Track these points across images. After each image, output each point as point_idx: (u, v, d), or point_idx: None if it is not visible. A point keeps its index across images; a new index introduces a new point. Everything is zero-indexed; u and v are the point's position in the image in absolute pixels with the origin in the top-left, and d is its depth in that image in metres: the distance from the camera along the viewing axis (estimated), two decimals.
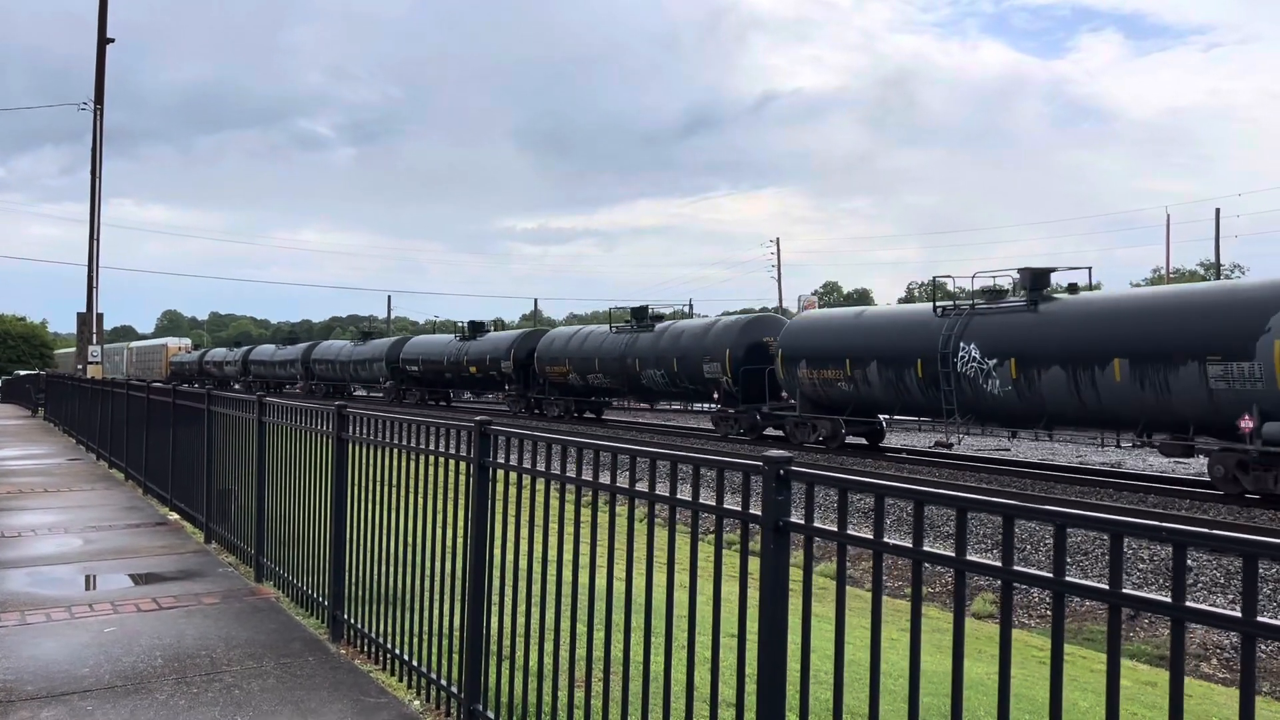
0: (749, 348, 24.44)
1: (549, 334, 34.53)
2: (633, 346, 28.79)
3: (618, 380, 28.98)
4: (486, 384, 39.44)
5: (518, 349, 34.85)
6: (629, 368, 28.05)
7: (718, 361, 24.57)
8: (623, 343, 28.97)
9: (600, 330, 30.64)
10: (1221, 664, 9.06)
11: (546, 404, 33.31)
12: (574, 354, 31.53)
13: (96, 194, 29.45)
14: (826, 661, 3.10)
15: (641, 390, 28.26)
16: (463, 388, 43.23)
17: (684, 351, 26.07)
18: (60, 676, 5.19)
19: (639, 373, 28.77)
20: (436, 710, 4.78)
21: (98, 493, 12.70)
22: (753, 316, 26.37)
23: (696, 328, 26.79)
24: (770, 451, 2.96)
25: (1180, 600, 2.01)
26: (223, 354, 70.71)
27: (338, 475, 6.08)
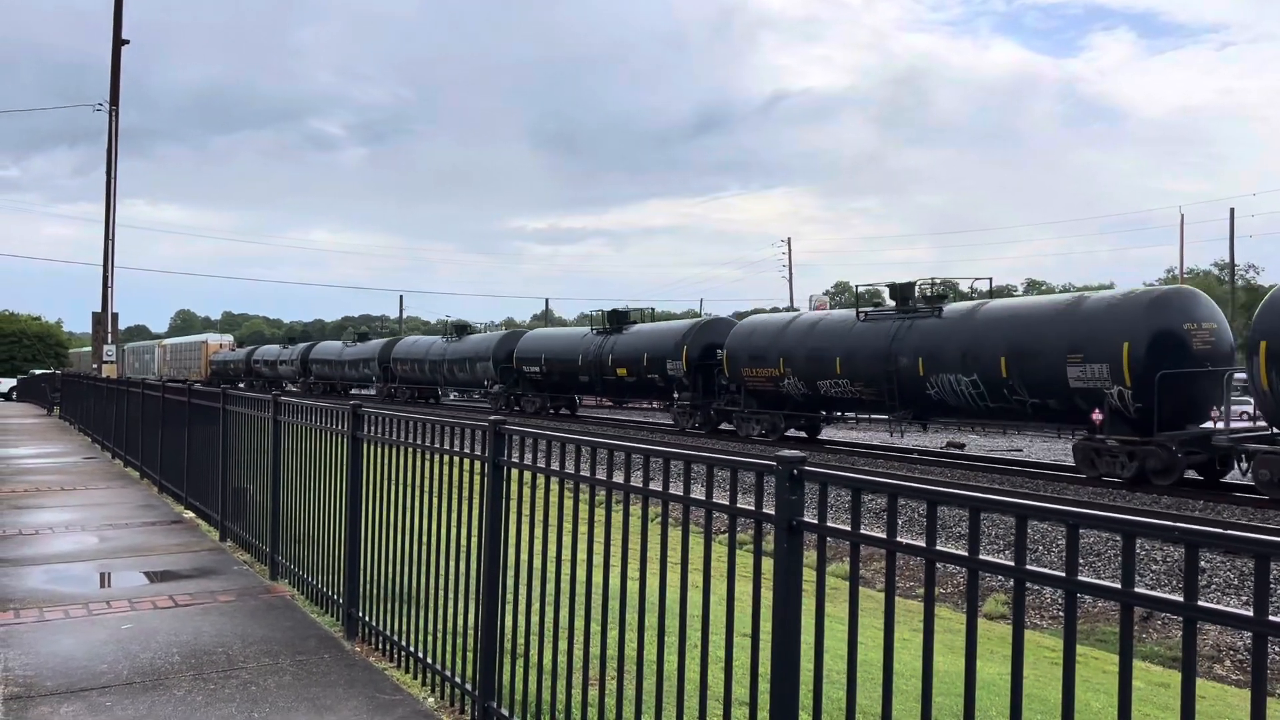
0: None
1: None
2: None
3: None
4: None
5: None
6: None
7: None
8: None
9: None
10: (1235, 665, 9.04)
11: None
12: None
13: (111, 194, 29.64)
14: (839, 661, 3.12)
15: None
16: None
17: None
18: (79, 673, 5.25)
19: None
20: (451, 708, 4.82)
21: (113, 491, 12.79)
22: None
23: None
24: (784, 451, 2.98)
25: (1192, 600, 2.02)
26: (275, 352, 66.15)
27: (352, 474, 6.12)
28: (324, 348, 58.79)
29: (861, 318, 22.95)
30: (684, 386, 27.91)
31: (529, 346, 36.20)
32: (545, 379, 35.05)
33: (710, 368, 27.14)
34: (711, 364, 27.06)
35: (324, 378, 57.17)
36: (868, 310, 23.30)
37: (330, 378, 56.58)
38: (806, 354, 23.73)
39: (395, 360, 47.33)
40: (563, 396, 36.09)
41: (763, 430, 25.39)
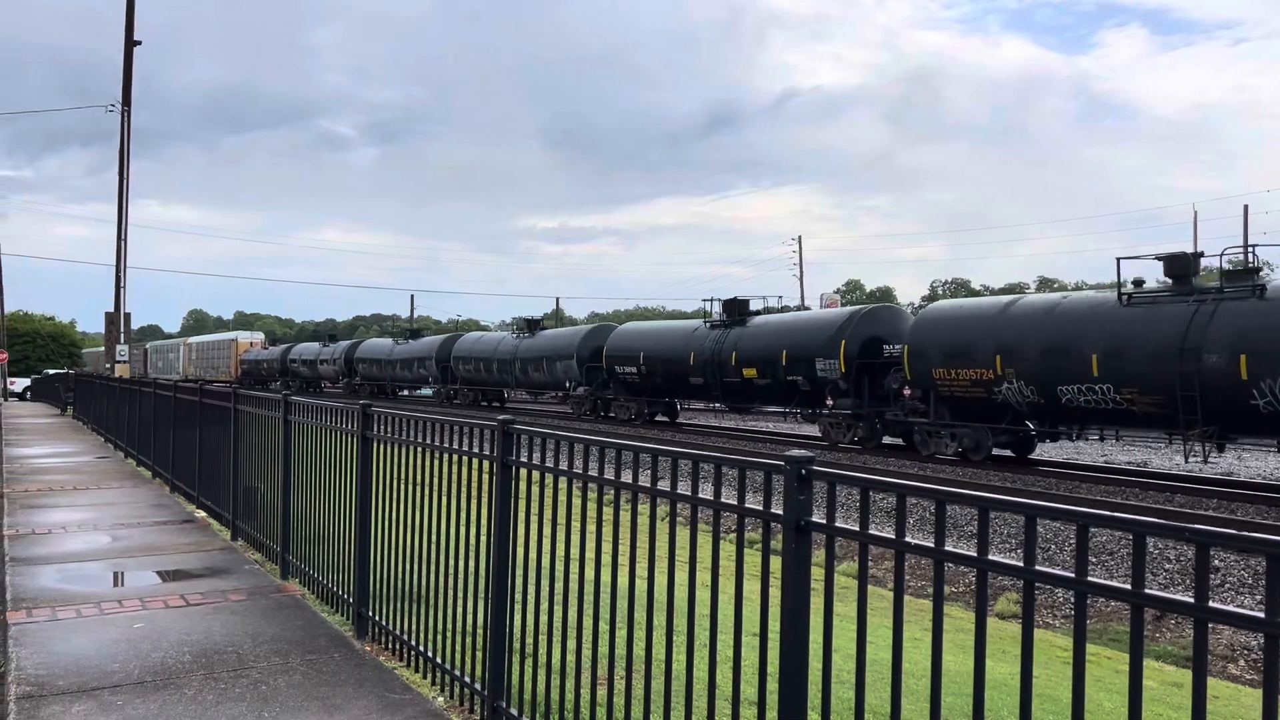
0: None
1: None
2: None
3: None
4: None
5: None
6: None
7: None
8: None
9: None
10: (1249, 665, 8.98)
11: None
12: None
13: (124, 195, 29.79)
14: (848, 661, 3.12)
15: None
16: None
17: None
18: (90, 672, 5.27)
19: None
20: (460, 707, 4.82)
21: (125, 490, 12.85)
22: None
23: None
24: (792, 451, 2.97)
25: (1204, 601, 2.00)
26: (314, 350, 60.35)
27: (362, 474, 6.13)
28: (371, 346, 54.13)
29: (1126, 300, 17.39)
30: (840, 391, 23.51)
31: (623, 343, 31.74)
32: (645, 381, 30.63)
33: (877, 367, 22.75)
34: (879, 362, 22.73)
35: (371, 379, 51.91)
36: (1136, 290, 17.63)
37: (378, 379, 51.24)
38: (1041, 349, 18.41)
39: (456, 359, 42.90)
40: (660, 401, 31.58)
41: (961, 448, 20.23)
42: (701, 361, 27.92)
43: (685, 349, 28.73)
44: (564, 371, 35.28)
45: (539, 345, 37.59)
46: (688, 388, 29.55)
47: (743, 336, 27.00)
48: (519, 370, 38.38)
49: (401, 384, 50.18)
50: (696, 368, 28.13)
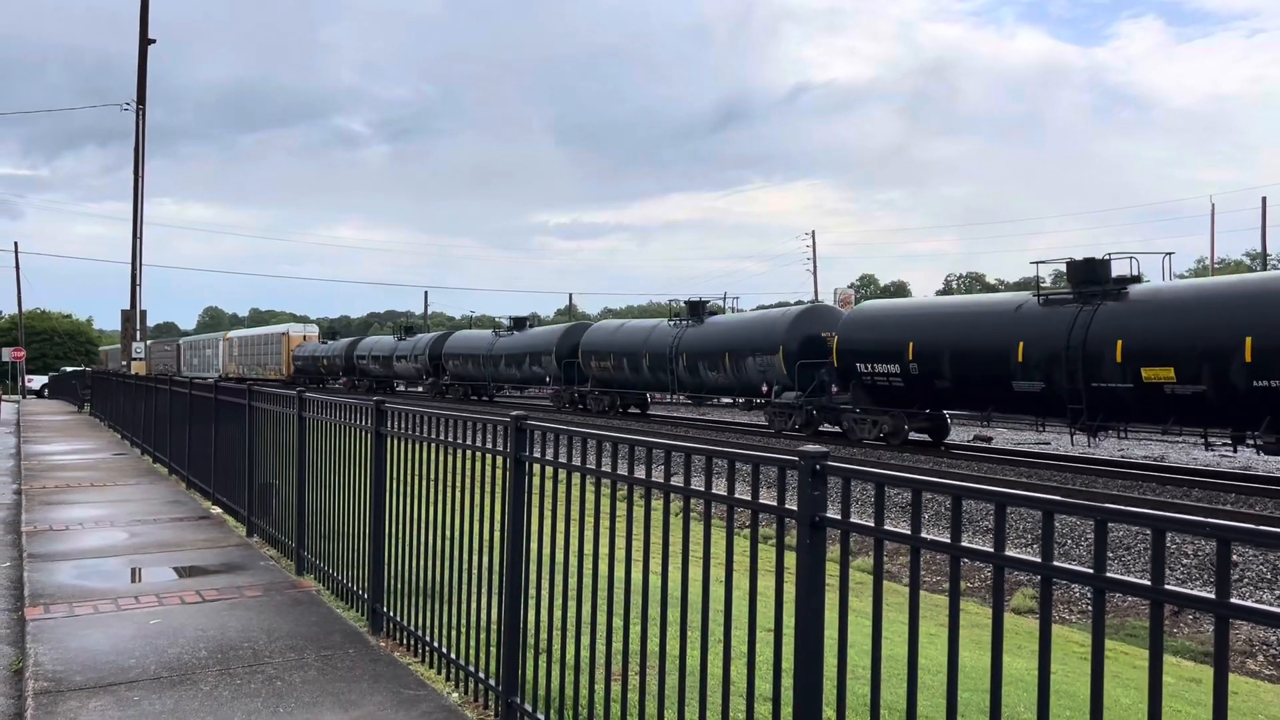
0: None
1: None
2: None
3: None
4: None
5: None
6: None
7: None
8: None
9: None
10: (1268, 660, 8.91)
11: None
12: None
13: (139, 193, 29.92)
14: (863, 657, 3.10)
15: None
16: None
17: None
18: (107, 667, 5.30)
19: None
20: (475, 703, 4.82)
21: (142, 487, 12.92)
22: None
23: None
24: (807, 447, 2.96)
25: (1225, 596, 1.98)
26: (389, 345, 51.04)
27: (377, 470, 6.14)
28: (466, 339, 44.29)
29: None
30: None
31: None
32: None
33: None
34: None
35: (466, 378, 43.34)
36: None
37: (475, 378, 42.54)
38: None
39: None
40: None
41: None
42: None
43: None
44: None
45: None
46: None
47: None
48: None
49: (506, 383, 41.43)
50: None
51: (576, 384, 35.28)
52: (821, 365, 24.26)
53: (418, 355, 46.80)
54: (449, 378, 44.43)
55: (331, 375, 58.32)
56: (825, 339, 24.29)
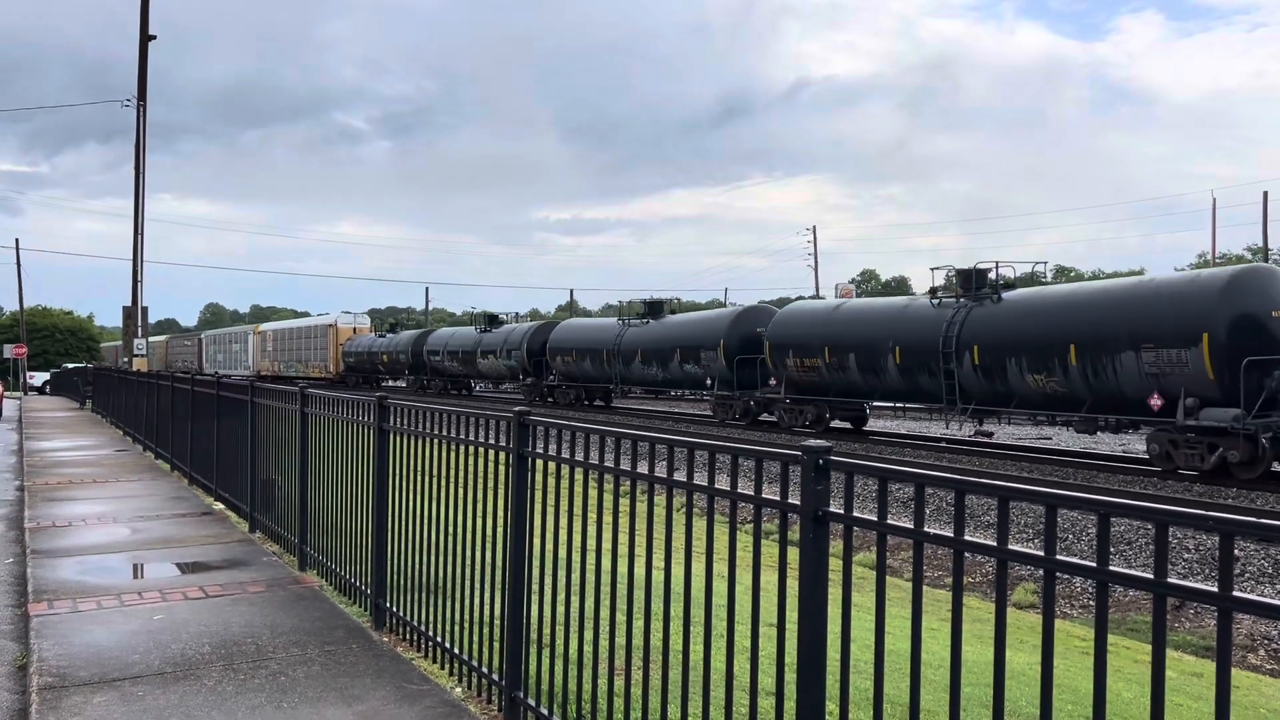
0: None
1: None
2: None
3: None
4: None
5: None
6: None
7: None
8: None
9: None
10: (1270, 655, 8.92)
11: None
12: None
13: (140, 189, 29.92)
14: (866, 651, 3.10)
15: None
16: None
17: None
18: (111, 663, 5.31)
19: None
20: (478, 698, 4.83)
21: (144, 483, 12.93)
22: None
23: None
24: (810, 441, 2.96)
25: (1227, 590, 1.98)
26: (469, 338, 41.75)
27: (379, 466, 6.15)
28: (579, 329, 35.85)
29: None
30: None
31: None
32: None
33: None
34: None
35: (582, 379, 35.03)
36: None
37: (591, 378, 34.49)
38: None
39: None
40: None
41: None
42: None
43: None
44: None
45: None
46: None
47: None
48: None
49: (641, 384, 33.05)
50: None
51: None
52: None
53: (511, 350, 38.43)
54: (556, 377, 36.01)
55: (392, 373, 50.37)
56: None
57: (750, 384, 27.10)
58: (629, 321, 33.19)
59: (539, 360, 33.86)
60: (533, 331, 33.71)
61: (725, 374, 27.72)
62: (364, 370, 53.38)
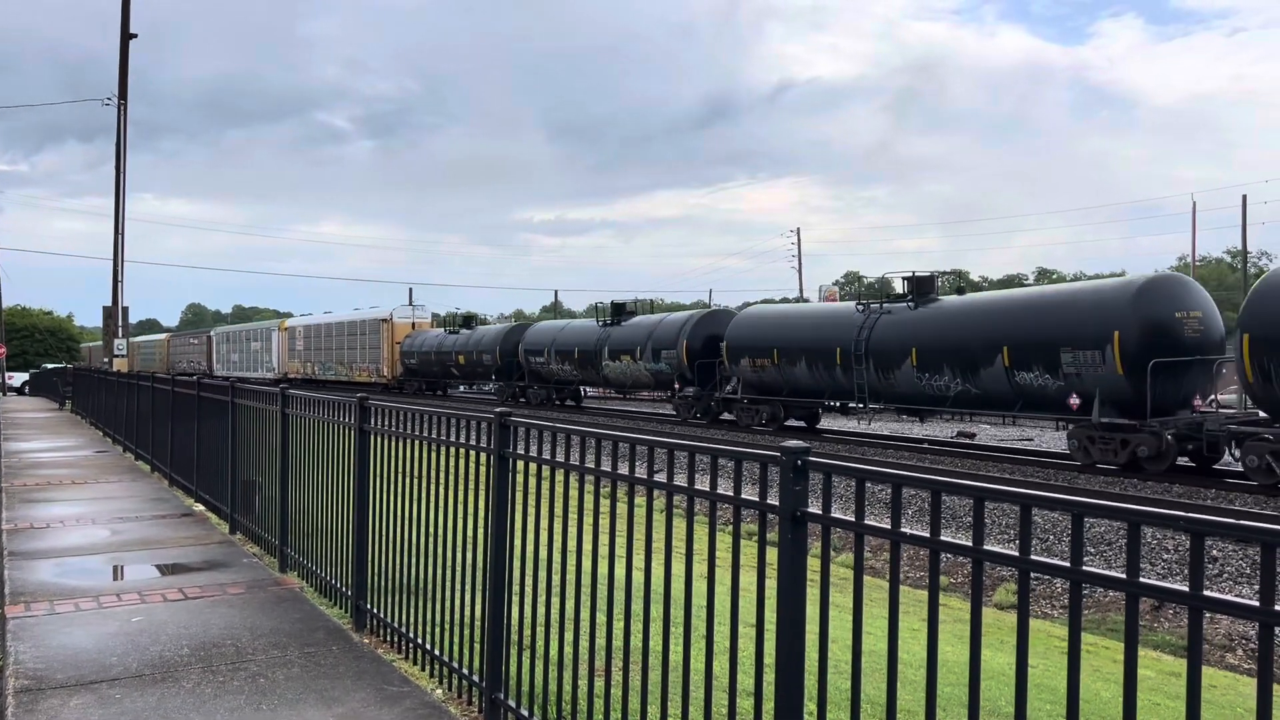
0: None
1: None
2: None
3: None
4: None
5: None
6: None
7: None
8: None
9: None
10: (1247, 655, 9.00)
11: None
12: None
13: (121, 189, 29.72)
14: (845, 651, 3.11)
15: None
16: None
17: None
18: (89, 665, 5.27)
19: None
20: (458, 699, 4.83)
21: (124, 484, 12.85)
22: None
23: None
24: (788, 442, 2.97)
25: (1198, 590, 2.00)
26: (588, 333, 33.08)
27: (360, 467, 6.13)
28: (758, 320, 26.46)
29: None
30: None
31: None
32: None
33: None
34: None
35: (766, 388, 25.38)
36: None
37: (811, 390, 24.31)
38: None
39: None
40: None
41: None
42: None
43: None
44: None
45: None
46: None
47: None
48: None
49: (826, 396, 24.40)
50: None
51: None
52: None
53: (659, 350, 29.13)
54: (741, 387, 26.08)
55: (470, 378, 42.44)
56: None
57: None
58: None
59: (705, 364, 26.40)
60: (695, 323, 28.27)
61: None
62: (429, 374, 44.34)
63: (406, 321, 48.12)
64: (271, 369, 56.43)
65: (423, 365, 44.42)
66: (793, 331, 24.75)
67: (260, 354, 59.05)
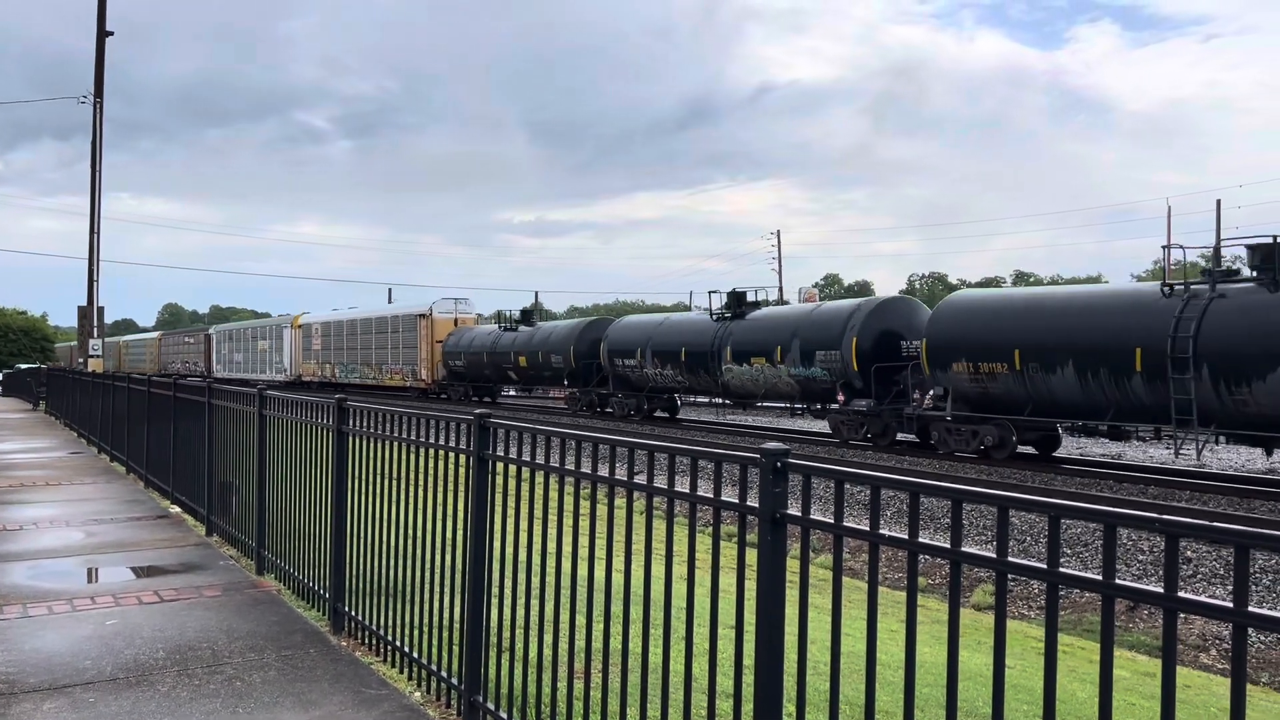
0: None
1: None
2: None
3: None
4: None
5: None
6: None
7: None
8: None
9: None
10: (1220, 655, 9.09)
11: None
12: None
13: (97, 187, 29.45)
14: (824, 653, 3.12)
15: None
16: None
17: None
18: (62, 669, 5.22)
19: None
20: (437, 702, 4.81)
21: (99, 486, 12.73)
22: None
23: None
24: (768, 444, 2.98)
25: (1172, 591, 2.02)
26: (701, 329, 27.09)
27: (338, 468, 6.10)
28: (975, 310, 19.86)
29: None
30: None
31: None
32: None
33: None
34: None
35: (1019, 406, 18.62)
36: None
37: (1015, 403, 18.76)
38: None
39: None
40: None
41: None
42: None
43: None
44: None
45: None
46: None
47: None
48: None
49: None
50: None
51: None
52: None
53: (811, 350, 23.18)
54: (951, 402, 19.73)
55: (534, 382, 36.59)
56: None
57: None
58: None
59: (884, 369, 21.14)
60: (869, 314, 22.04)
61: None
62: (479, 377, 38.29)
63: (448, 317, 41.36)
64: (283, 371, 50.19)
65: (471, 368, 38.31)
66: (1053, 322, 17.81)
67: (269, 354, 52.31)
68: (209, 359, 61.50)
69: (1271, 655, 8.92)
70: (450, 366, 39.62)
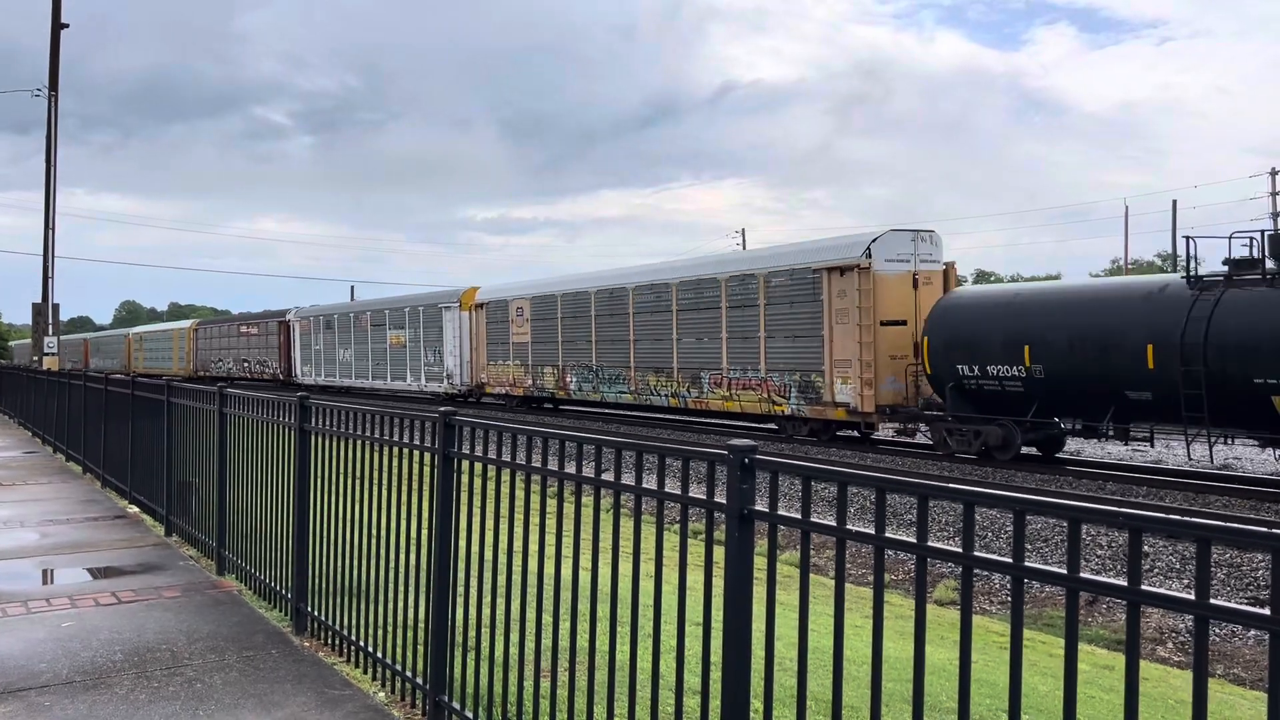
0: None
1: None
2: None
3: None
4: None
5: None
6: None
7: None
8: None
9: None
10: (1178, 647, 9.24)
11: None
12: None
13: (51, 182, 28.92)
14: (791, 649, 3.13)
15: None
16: None
17: None
18: (16, 672, 5.11)
19: None
20: (401, 702, 4.77)
21: (54, 486, 12.49)
22: None
23: None
24: (735, 440, 2.98)
25: (1136, 584, 2.04)
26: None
27: (300, 467, 6.03)
28: None
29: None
30: None
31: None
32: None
33: None
34: None
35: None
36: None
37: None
38: None
39: None
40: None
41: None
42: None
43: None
44: None
45: None
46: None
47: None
48: None
49: None
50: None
51: None
52: None
53: None
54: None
55: None
56: None
57: None
58: None
59: None
60: None
61: None
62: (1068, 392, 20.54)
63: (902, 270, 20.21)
64: (442, 377, 33.56)
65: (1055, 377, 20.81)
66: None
67: (419, 350, 34.63)
68: (286, 358, 44.63)
69: (1227, 648, 9.08)
70: (958, 380, 17.91)
